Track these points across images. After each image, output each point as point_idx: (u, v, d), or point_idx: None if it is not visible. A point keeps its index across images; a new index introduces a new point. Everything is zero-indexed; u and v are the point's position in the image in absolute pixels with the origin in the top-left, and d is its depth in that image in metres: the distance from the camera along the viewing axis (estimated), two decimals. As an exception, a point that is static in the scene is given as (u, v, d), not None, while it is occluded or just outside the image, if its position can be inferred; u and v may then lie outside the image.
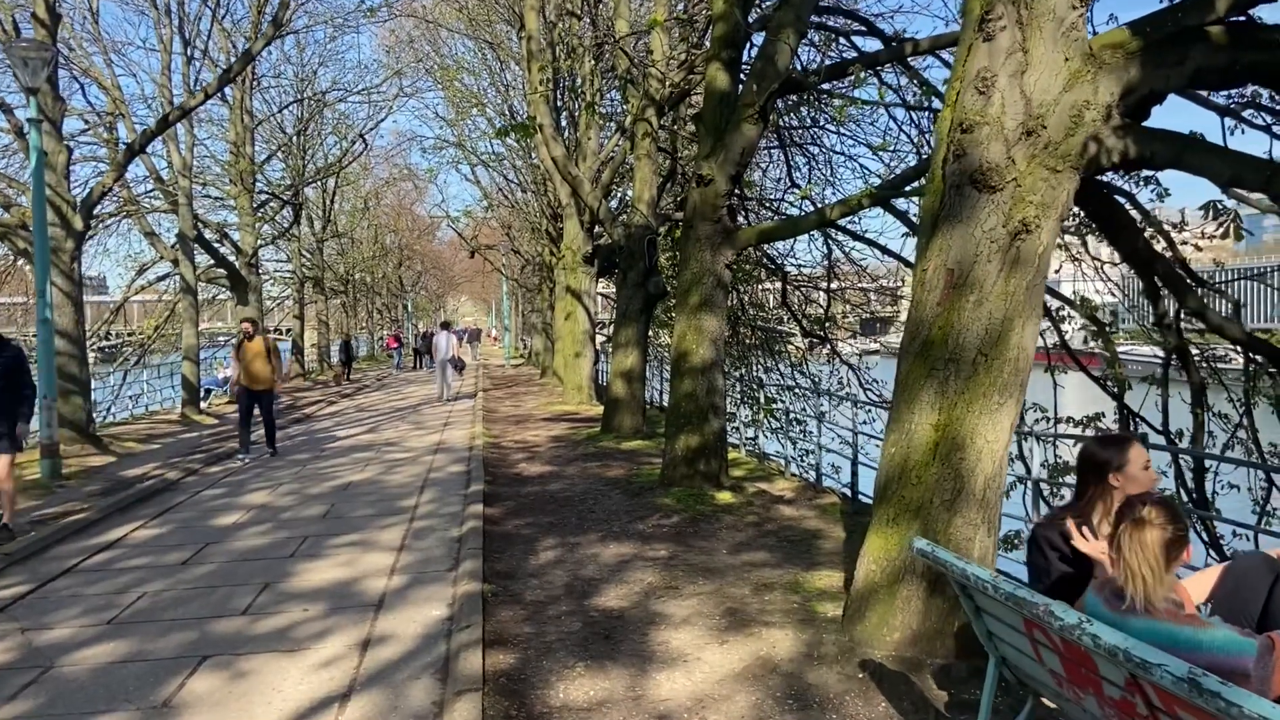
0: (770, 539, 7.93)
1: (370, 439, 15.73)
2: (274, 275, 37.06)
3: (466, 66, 29.93)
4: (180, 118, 14.30)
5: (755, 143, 9.71)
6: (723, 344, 10.23)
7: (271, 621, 5.90)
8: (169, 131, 19.89)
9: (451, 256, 71.10)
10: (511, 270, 46.09)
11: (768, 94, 9.17)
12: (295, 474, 12.08)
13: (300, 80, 30.20)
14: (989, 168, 4.82)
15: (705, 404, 9.90)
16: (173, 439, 16.30)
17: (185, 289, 20.08)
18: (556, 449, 13.84)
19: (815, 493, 9.95)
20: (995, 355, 4.80)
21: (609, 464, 12.17)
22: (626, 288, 14.70)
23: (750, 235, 10.12)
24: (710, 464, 9.87)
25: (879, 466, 5.17)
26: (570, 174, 14.39)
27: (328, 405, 23.17)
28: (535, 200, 29.61)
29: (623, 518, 8.79)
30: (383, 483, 11.21)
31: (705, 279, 9.86)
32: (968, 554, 4.79)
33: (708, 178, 9.58)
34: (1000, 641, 3.21)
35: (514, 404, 22.23)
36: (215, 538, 8.42)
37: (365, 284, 51.89)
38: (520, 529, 8.43)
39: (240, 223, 26.04)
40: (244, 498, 10.42)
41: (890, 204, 9.52)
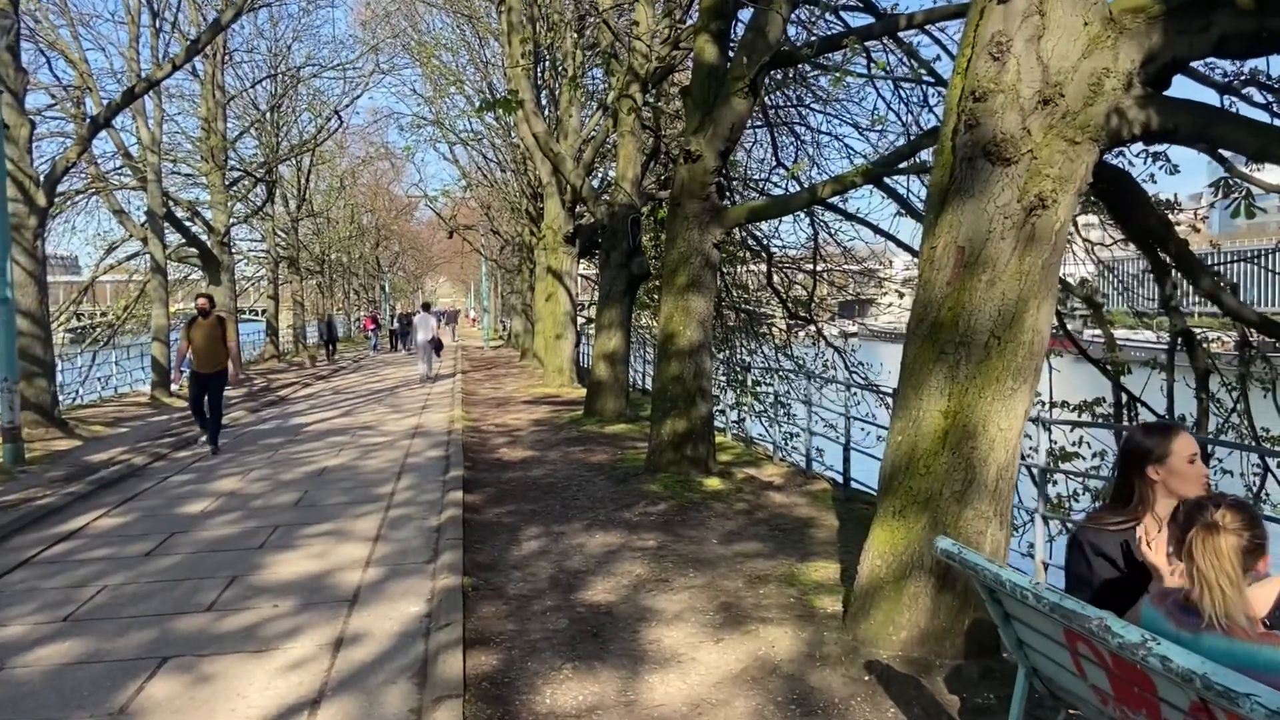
0: (762, 528, 7.66)
1: (346, 422, 15.34)
2: (248, 255, 36.38)
3: (445, 43, 29.35)
4: (146, 90, 13.78)
5: (745, 117, 9.37)
6: (710, 326, 9.93)
7: (238, 619, 5.57)
8: (137, 106, 19.33)
9: (430, 237, 70.39)
10: (490, 251, 45.54)
11: (758, 67, 8.83)
12: (268, 459, 11.70)
13: (274, 55, 29.50)
14: (1003, 138, 4.52)
15: (692, 387, 9.60)
16: (141, 422, 15.85)
17: (155, 268, 19.54)
18: (538, 433, 13.52)
19: (805, 478, 9.69)
20: (1009, 338, 4.52)
21: (592, 448, 11.86)
22: (610, 268, 14.35)
23: (740, 213, 9.80)
24: (698, 449, 9.59)
25: (884, 455, 4.89)
26: (552, 151, 14.00)
27: (303, 387, 22.72)
28: (515, 180, 29.13)
29: (608, 505, 8.50)
30: (358, 468, 10.86)
31: (693, 258, 9.54)
32: (979, 548, 4.52)
33: (696, 153, 9.24)
34: (1033, 651, 2.94)
35: (494, 386, 21.88)
36: (181, 527, 8.06)
37: (342, 264, 51.17)
38: (502, 517, 8.12)
39: (212, 201, 25.43)
40: (213, 484, 10.04)
41: (883, 182, 9.22)
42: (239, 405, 18.23)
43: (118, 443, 13.23)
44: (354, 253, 53.03)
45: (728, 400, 13.46)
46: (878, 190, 10.51)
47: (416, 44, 29.13)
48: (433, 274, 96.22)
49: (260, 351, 34.10)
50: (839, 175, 9.42)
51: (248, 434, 14.18)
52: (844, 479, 9.06)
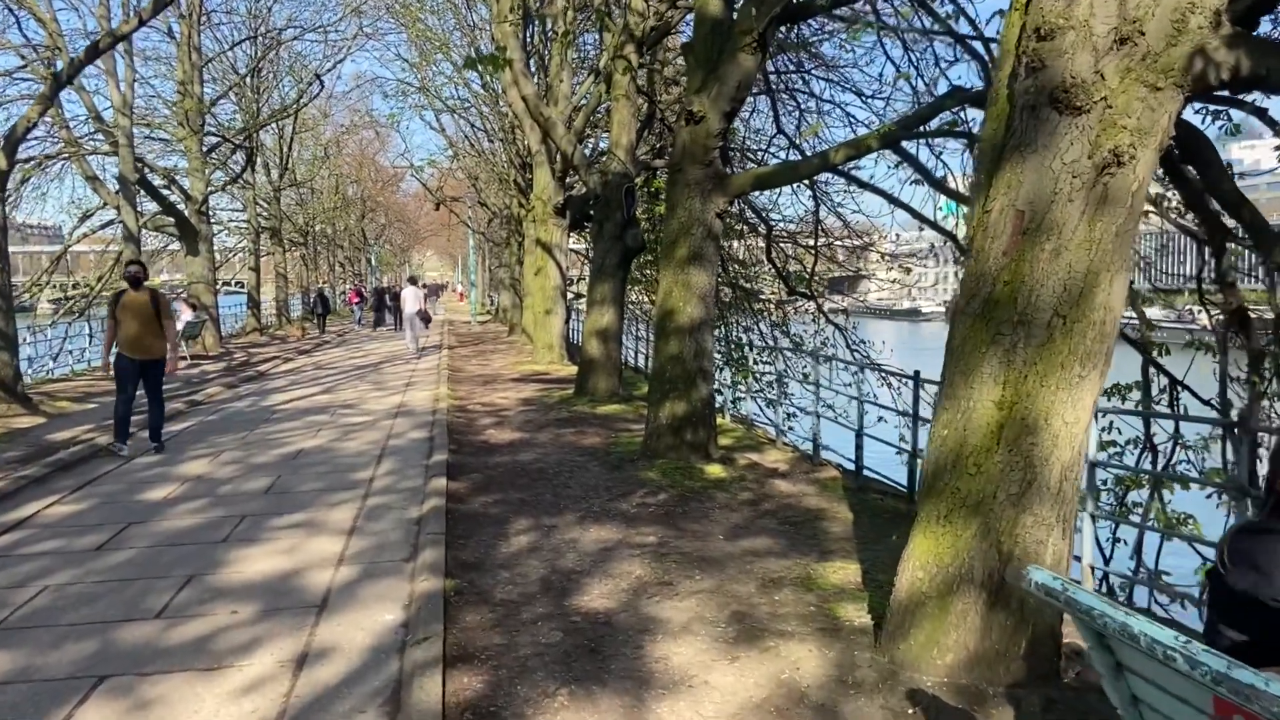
0: (770, 521, 7.07)
1: (326, 400, 14.67)
2: (228, 225, 35.43)
3: (430, 6, 28.37)
4: (112, 45, 12.98)
5: (753, 75, 8.70)
6: (713, 302, 9.29)
7: (190, 628, 4.94)
8: (109, 67, 18.45)
9: (416, 209, 69.24)
10: (478, 224, 44.69)
11: (768, 19, 8.15)
12: (241, 440, 11.03)
13: (253, 17, 28.47)
14: (1073, 83, 3.88)
15: (693, 368, 8.98)
16: (111, 397, 15.09)
17: (128, 237, 18.73)
18: (527, 413, 12.89)
19: (812, 465, 9.10)
20: (1076, 317, 3.90)
21: (584, 431, 11.25)
22: (603, 240, 13.67)
23: (745, 181, 9.14)
24: (698, 434, 8.98)
25: (927, 452, 4.28)
26: (542, 115, 13.27)
27: (284, 362, 22.00)
28: (503, 149, 28.29)
29: (603, 495, 7.89)
30: (336, 451, 10.21)
31: (694, 229, 8.89)
32: (1038, 559, 3.93)
33: (699, 115, 8.57)
34: (1153, 713, 2.34)
35: (481, 363, 21.21)
36: (140, 516, 7.41)
37: (326, 236, 50.18)
38: (488, 508, 7.50)
39: (189, 168, 24.52)
40: (179, 467, 9.38)
41: (900, 146, 8.57)
42: (215, 380, 17.53)
43: (83, 420, 12.53)
44: (339, 224, 52.01)
45: (724, 380, 12.86)
46: (885, 160, 9.89)
47: (401, 6, 28.13)
48: (420, 247, 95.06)
49: (242, 325, 33.28)
50: (853, 139, 8.78)
51: (223, 412, 13.50)
52: (855, 467, 8.46)
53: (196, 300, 23.57)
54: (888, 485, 8.28)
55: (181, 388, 16.31)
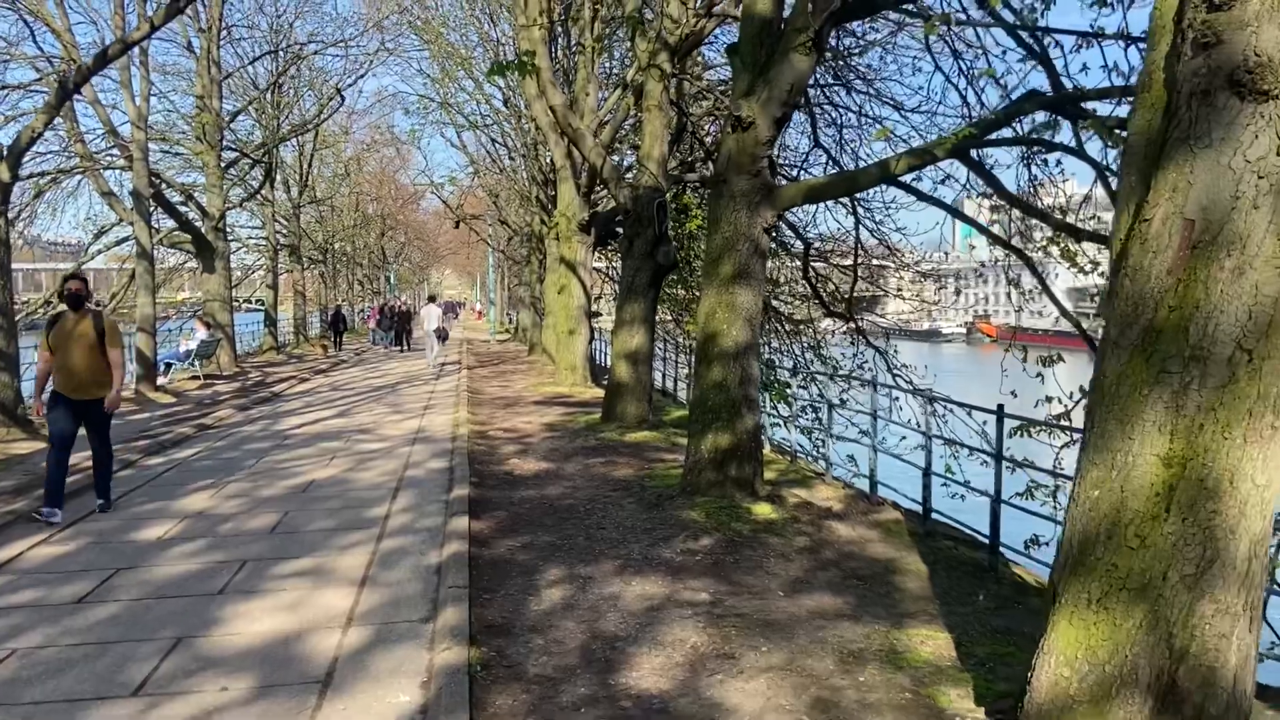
0: (833, 573, 6.27)
1: (341, 424, 13.96)
2: (246, 242, 34.99)
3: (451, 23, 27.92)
4: (123, 51, 12.42)
5: (807, 78, 7.97)
6: (759, 324, 8.53)
7: (172, 710, 4.19)
8: (125, 80, 17.95)
9: (436, 227, 68.95)
10: (498, 241, 44.17)
11: (825, 15, 7.42)
12: (249, 469, 10.33)
13: (275, 33, 28.05)
14: (1258, 63, 3.11)
15: (737, 396, 8.20)
16: (120, 420, 14.41)
17: (141, 253, 18.17)
18: (552, 440, 12.13)
19: (869, 505, 8.28)
20: (1266, 353, 3.11)
21: (615, 461, 10.48)
22: (633, 258, 12.94)
23: (796, 193, 8.39)
24: (743, 468, 8.19)
25: (1069, 515, 3.49)
26: (570, 126, 12.58)
27: (299, 382, 21.36)
28: (525, 166, 27.70)
29: (642, 538, 7.11)
30: (350, 483, 9.48)
31: (740, 245, 8.13)
32: (1221, 657, 3.12)
33: (747, 120, 7.83)
34: None
35: (501, 384, 20.49)
36: (131, 559, 6.68)
37: (345, 254, 49.78)
38: (516, 553, 6.74)
39: (207, 183, 24.01)
40: (179, 502, 8.67)
41: (969, 155, 7.80)
42: (227, 402, 16.88)
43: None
44: (358, 242, 51.62)
45: (766, 407, 12.07)
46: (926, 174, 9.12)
47: (422, 21, 27.69)
48: (438, 265, 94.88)
49: (259, 344, 32.73)
50: (917, 148, 8.01)
51: (232, 437, 12.81)
52: (923, 510, 7.64)
53: (211, 318, 23.00)
54: (960, 532, 7.46)
55: (192, 410, 15.68)
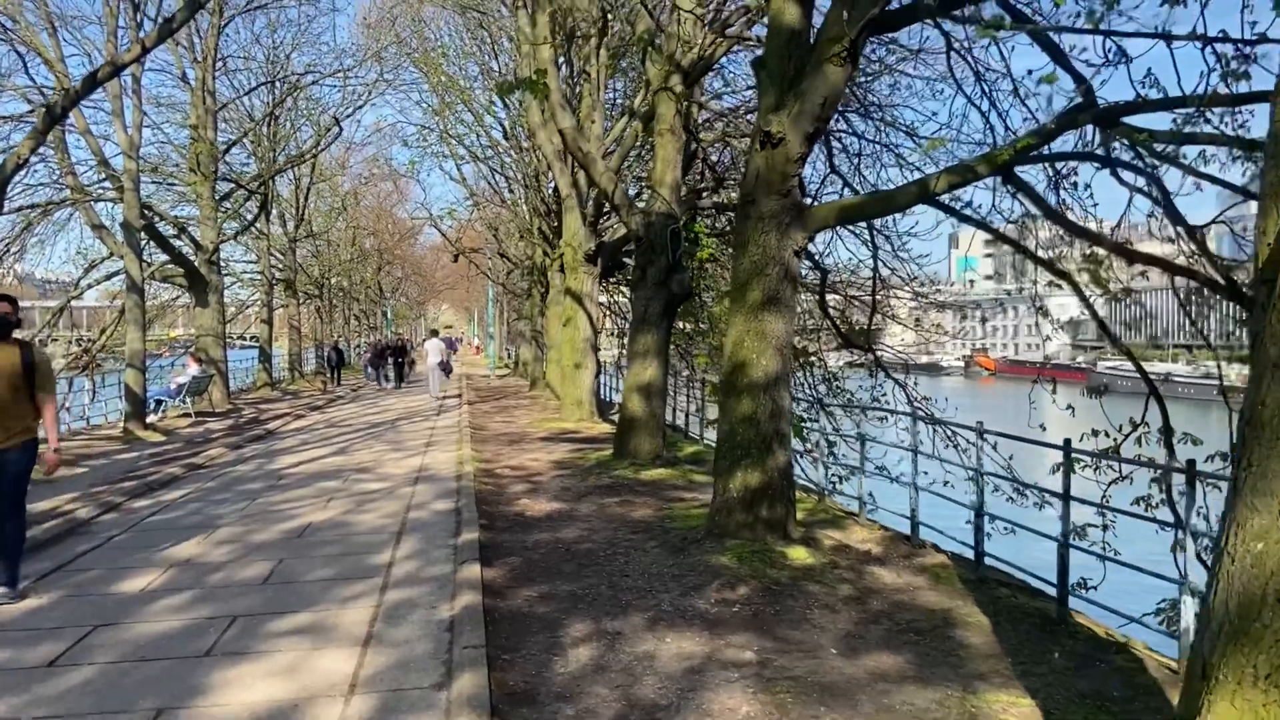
0: (886, 626, 5.67)
1: (339, 463, 13.33)
2: (240, 276, 34.48)
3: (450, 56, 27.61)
4: (112, 74, 11.96)
5: (841, 90, 7.50)
6: (790, 354, 7.98)
7: (146, 804, 3.57)
8: (117, 109, 17.49)
9: (433, 262, 68.64)
10: (497, 275, 43.72)
11: (862, 24, 6.95)
12: (241, 511, 9.70)
13: (272, 64, 27.72)
14: None
15: (768, 430, 7.63)
16: (106, 460, 13.85)
17: (131, 287, 17.60)
18: (563, 478, 11.53)
19: (911, 549, 7.68)
20: None
21: (631, 501, 9.88)
22: (645, 287, 12.42)
23: (828, 213, 7.87)
24: (775, 509, 7.59)
25: (1219, 574, 2.91)
26: (581, 149, 12.11)
27: (295, 419, 20.73)
28: (527, 196, 27.28)
29: (671, 586, 6.51)
30: (350, 526, 8.86)
31: (769, 269, 7.61)
32: None
33: (777, 136, 7.34)
34: None
35: (505, 420, 19.89)
36: (111, 615, 6.06)
37: (342, 289, 49.27)
38: (534, 605, 6.13)
39: (201, 215, 23.53)
40: (165, 549, 8.03)
41: (1014, 173, 7.30)
42: (219, 440, 16.25)
43: (70, 488, 11.23)
44: (355, 277, 51.13)
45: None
46: (932, 207, 8.58)
47: (421, 52, 27.40)
48: (435, 300, 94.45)
49: (253, 380, 32.11)
50: (956, 165, 7.52)
51: (223, 477, 12.18)
52: (975, 555, 7.03)
53: (204, 354, 22.42)
54: (1013, 577, 6.84)
55: (182, 449, 15.05)
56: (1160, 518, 6.81)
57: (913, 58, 13.04)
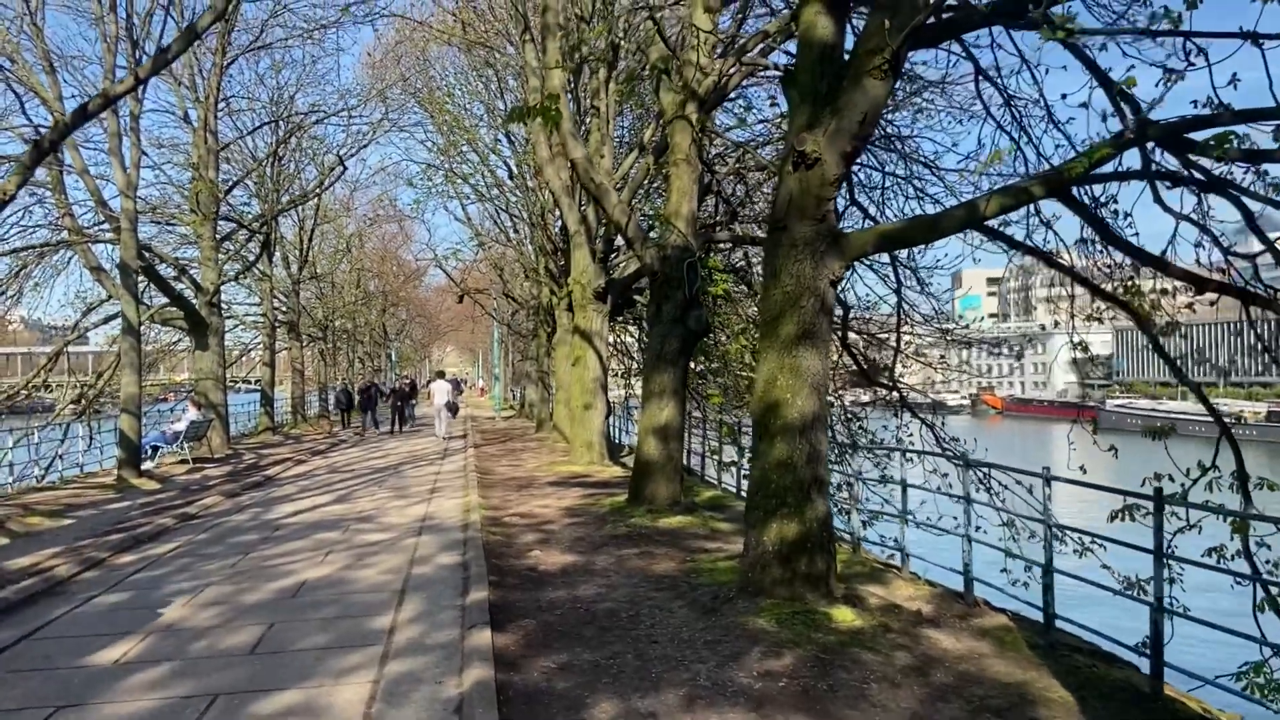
0: (958, 706, 4.96)
1: (340, 511, 12.64)
2: (242, 319, 33.93)
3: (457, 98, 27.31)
4: (103, 106, 11.48)
5: (882, 106, 6.94)
6: (826, 392, 7.34)
7: None
8: (113, 147, 17.05)
9: (438, 304, 68.31)
10: (503, 315, 43.25)
11: (906, 34, 6.40)
12: (232, 566, 9.01)
13: (275, 104, 27.44)
14: None
15: (805, 476, 6.97)
16: (95, 510, 13.17)
17: (127, 329, 17.04)
18: (576, 527, 10.84)
19: (965, 607, 6.98)
20: None
21: (652, 552, 9.18)
22: (661, 323, 11.81)
23: (866, 240, 7.27)
24: (815, 563, 6.90)
25: None
26: (593, 180, 11.56)
27: (295, 464, 20.05)
28: (533, 235, 26.82)
29: (705, 655, 5.80)
30: (348, 584, 8.16)
31: (804, 301, 7.00)
32: None
33: (811, 156, 6.76)
34: None
35: (512, 463, 19.20)
36: (76, 693, 5.37)
37: (346, 331, 48.80)
38: (554, 679, 5.43)
39: (201, 256, 23.05)
40: (147, 612, 7.33)
41: (1072, 195, 6.70)
42: (215, 488, 15.58)
43: (53, 541, 10.57)
44: (359, 319, 50.68)
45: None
46: (979, 232, 7.98)
47: (426, 92, 27.11)
48: (440, 342, 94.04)
49: (255, 424, 31.45)
50: (1008, 187, 6.92)
51: (217, 528, 11.49)
52: (1045, 617, 6.32)
53: (203, 398, 21.81)
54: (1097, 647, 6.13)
55: (176, 497, 14.38)
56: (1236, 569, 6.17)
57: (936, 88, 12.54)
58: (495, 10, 23.41)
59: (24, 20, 17.82)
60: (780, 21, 11.22)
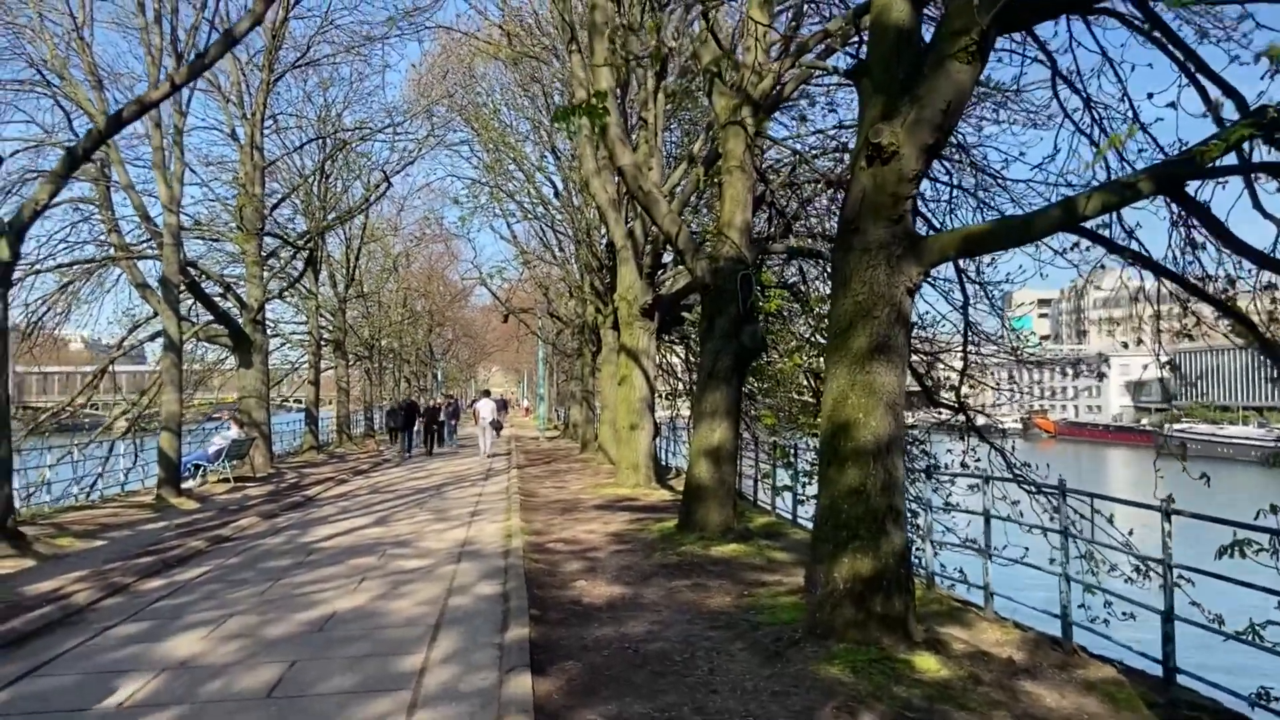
0: (1076, 778, 4.21)
1: (377, 535, 12.13)
2: (288, 337, 33.86)
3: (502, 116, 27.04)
4: (138, 113, 11.16)
5: (968, 94, 6.27)
6: (903, 411, 6.63)
7: None
8: (158, 161, 16.90)
9: (484, 323, 68.23)
10: (548, 335, 42.87)
11: (995, 10, 5.72)
12: (260, 595, 8.49)
13: (323, 122, 27.35)
14: None
15: (880, 506, 6.26)
16: (129, 531, 12.81)
17: (169, 346, 16.81)
18: (623, 555, 10.19)
19: (1063, 655, 6.20)
20: None
21: (705, 584, 8.49)
22: (713, 339, 11.16)
23: (949, 244, 6.56)
24: (892, 603, 6.17)
25: None
26: (642, 189, 10.98)
27: (337, 484, 19.65)
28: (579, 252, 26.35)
29: (773, 710, 5.11)
30: (380, 616, 7.59)
31: (878, 311, 6.32)
32: None
33: (889, 149, 6.10)
34: None
35: (556, 485, 18.60)
36: (72, 743, 4.84)
37: (393, 350, 48.72)
38: (601, 736, 4.78)
39: (246, 273, 22.91)
40: (162, 644, 6.82)
41: (1183, 190, 5.95)
42: (254, 508, 15.18)
43: (79, 564, 10.16)
44: (405, 338, 50.62)
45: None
46: (1074, 234, 7.22)
47: (472, 108, 26.85)
48: (485, 362, 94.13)
49: (300, 443, 31.26)
50: (1112, 182, 6.22)
51: (250, 551, 11.02)
52: (1165, 672, 5.54)
53: (246, 417, 21.55)
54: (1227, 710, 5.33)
55: (213, 518, 13.99)
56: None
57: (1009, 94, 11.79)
58: (541, 26, 23.12)
59: (72, 37, 17.81)
60: (842, 20, 10.56)
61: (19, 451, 17.71)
